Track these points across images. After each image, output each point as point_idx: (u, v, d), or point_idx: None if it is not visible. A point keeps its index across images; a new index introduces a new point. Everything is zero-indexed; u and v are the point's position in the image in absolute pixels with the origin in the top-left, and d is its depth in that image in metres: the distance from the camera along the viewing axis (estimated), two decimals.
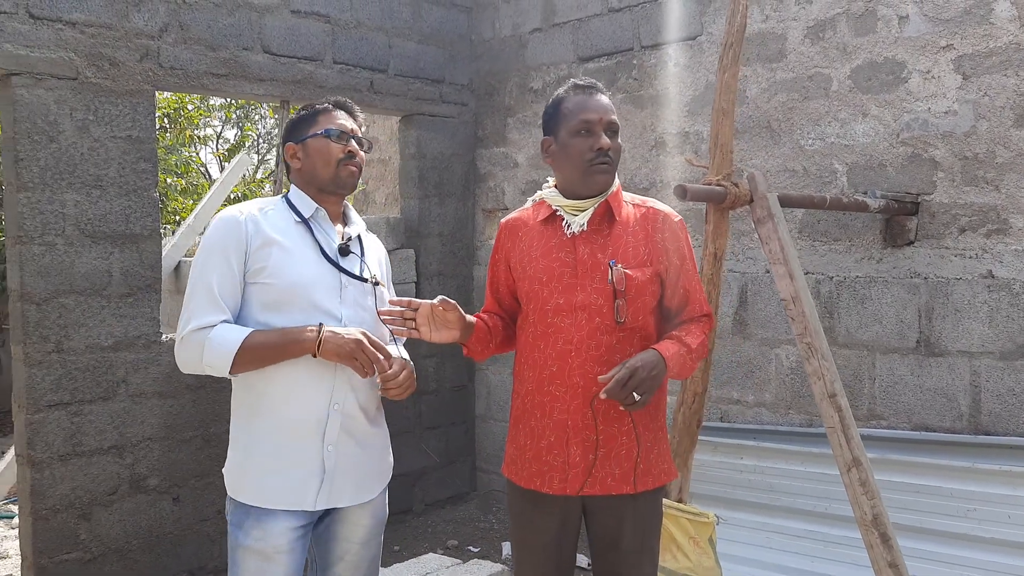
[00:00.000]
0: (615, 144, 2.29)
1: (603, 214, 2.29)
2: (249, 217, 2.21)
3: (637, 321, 2.25)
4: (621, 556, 2.30)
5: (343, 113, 2.36)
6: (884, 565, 2.78)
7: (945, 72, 3.62)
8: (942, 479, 3.52)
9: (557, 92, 2.37)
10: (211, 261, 2.17)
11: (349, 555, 2.30)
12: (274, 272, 2.16)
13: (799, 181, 4.06)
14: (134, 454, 4.09)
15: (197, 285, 2.17)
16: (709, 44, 4.38)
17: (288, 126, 2.37)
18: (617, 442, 2.24)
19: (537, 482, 2.29)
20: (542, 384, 2.27)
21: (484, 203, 5.62)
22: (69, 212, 3.87)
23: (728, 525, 3.89)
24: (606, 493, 2.24)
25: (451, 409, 5.59)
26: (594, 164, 2.25)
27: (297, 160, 2.32)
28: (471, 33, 5.57)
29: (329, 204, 2.33)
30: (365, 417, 2.29)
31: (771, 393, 4.19)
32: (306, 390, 2.17)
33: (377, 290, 2.32)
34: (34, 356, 3.79)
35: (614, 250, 2.26)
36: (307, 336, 2.12)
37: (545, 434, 2.28)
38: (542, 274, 2.29)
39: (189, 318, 2.15)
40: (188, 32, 4.23)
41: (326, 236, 2.29)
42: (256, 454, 2.18)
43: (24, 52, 3.72)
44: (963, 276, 3.60)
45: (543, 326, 2.28)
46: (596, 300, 2.23)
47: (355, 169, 2.31)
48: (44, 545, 3.83)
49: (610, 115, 2.28)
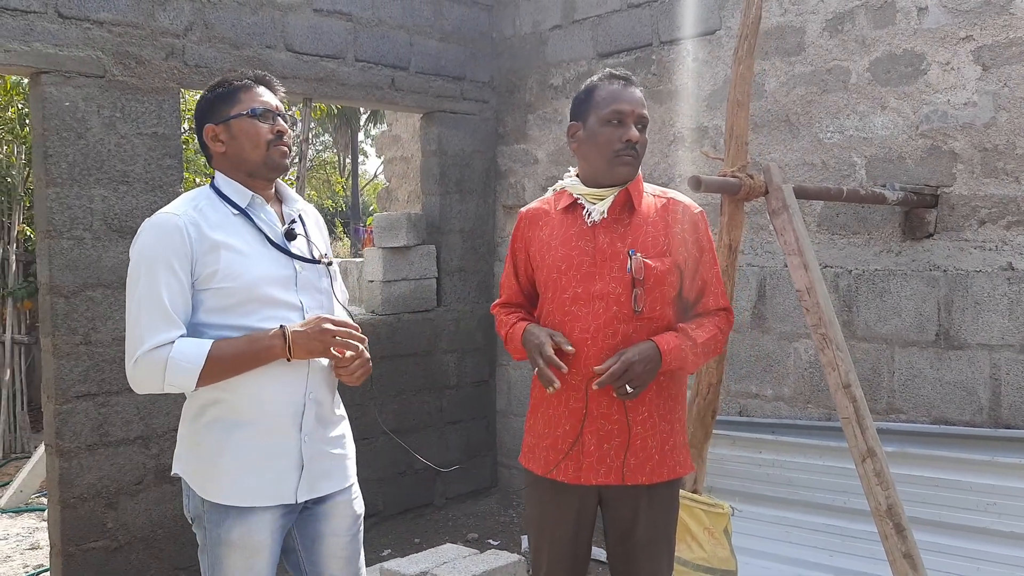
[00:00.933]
0: (643, 138, 2.30)
1: (623, 203, 2.30)
2: (188, 219, 2.04)
3: (655, 311, 2.25)
4: (636, 546, 2.31)
5: (264, 89, 2.18)
6: (899, 556, 2.77)
7: (964, 63, 3.60)
8: (961, 473, 3.50)
9: (591, 79, 2.37)
10: (156, 272, 1.99)
11: (339, 549, 2.24)
12: (227, 275, 2.03)
13: (818, 175, 4.05)
14: (159, 444, 4.17)
15: (144, 300, 1.99)
16: (728, 39, 4.38)
17: (203, 105, 2.16)
18: (634, 432, 2.25)
19: (553, 471, 2.31)
20: (559, 373, 2.29)
21: (505, 199, 5.66)
22: (96, 207, 3.96)
23: (747, 519, 3.89)
24: (623, 483, 2.25)
25: (472, 404, 5.63)
26: (620, 155, 2.26)
27: (220, 143, 2.14)
28: (492, 30, 5.61)
29: (261, 188, 2.17)
30: (332, 402, 2.24)
31: (789, 387, 4.19)
32: (283, 383, 2.10)
33: (330, 269, 2.24)
34: (62, 348, 3.88)
35: (633, 239, 2.26)
36: (275, 343, 2.02)
37: (561, 423, 2.29)
38: (561, 262, 2.31)
39: (142, 336, 1.98)
40: (212, 31, 4.31)
41: (268, 223, 2.16)
42: (229, 453, 2.07)
43: (53, 51, 3.81)
44: (983, 268, 3.57)
45: (561, 314, 2.29)
46: (614, 289, 2.24)
47: (285, 149, 2.15)
48: (72, 533, 3.92)
49: (641, 109, 2.29)
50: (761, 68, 4.19)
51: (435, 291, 5.45)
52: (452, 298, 5.51)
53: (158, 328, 1.99)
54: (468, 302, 5.58)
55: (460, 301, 5.55)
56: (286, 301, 2.11)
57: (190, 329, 2.05)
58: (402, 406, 5.19)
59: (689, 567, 2.96)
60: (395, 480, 5.19)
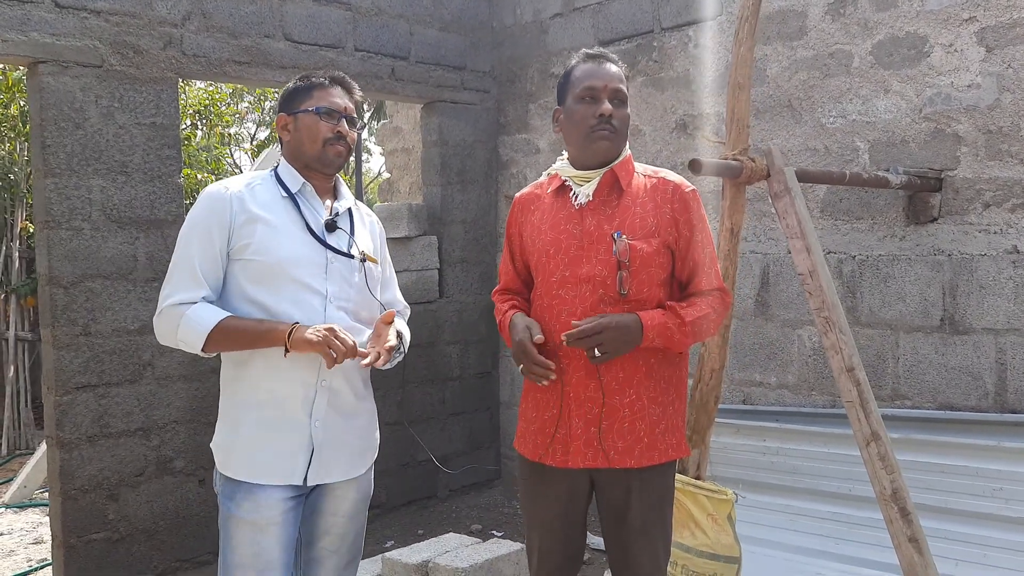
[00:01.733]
0: (620, 113, 2.26)
1: (611, 185, 2.28)
2: (235, 193, 2.19)
3: (642, 293, 2.21)
4: (630, 531, 2.28)
5: (340, 90, 2.31)
6: (904, 540, 2.75)
7: (968, 45, 3.56)
8: (968, 458, 3.46)
9: (568, 62, 2.36)
10: (194, 236, 2.16)
11: (335, 528, 2.29)
12: (258, 249, 2.14)
13: (820, 160, 4.02)
14: (160, 436, 4.15)
15: (180, 260, 2.16)
16: (729, 24, 4.34)
17: (283, 95, 2.32)
18: (620, 415, 2.22)
19: (542, 454, 2.29)
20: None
21: (506, 190, 5.63)
22: (95, 197, 3.94)
23: (752, 507, 3.86)
24: (609, 466, 2.22)
25: (475, 396, 5.61)
26: (595, 130, 2.23)
27: (287, 132, 2.29)
28: (492, 20, 5.58)
29: (316, 180, 2.30)
30: (352, 392, 2.28)
31: (793, 375, 4.16)
32: (294, 367, 2.15)
33: (366, 266, 2.30)
34: (62, 339, 3.87)
35: (620, 221, 2.24)
36: (279, 330, 2.10)
37: (549, 406, 2.28)
38: (549, 246, 2.29)
39: (170, 292, 2.15)
40: (210, 20, 4.29)
41: (312, 212, 2.26)
42: (244, 429, 2.18)
43: (50, 40, 3.79)
44: (987, 252, 3.54)
45: (548, 298, 2.28)
46: (600, 272, 2.21)
47: (342, 149, 2.27)
48: (73, 524, 3.91)
49: (616, 83, 2.26)
50: (763, 53, 4.15)
51: (437, 282, 5.43)
52: (454, 289, 5.49)
53: (185, 287, 2.14)
54: (471, 293, 5.56)
55: (462, 292, 5.52)
56: (311, 286, 2.18)
57: (226, 297, 2.18)
58: (405, 397, 5.17)
59: (692, 553, 2.93)
60: (399, 471, 5.18)
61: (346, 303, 2.23)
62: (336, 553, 2.31)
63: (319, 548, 2.30)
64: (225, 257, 2.16)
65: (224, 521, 2.19)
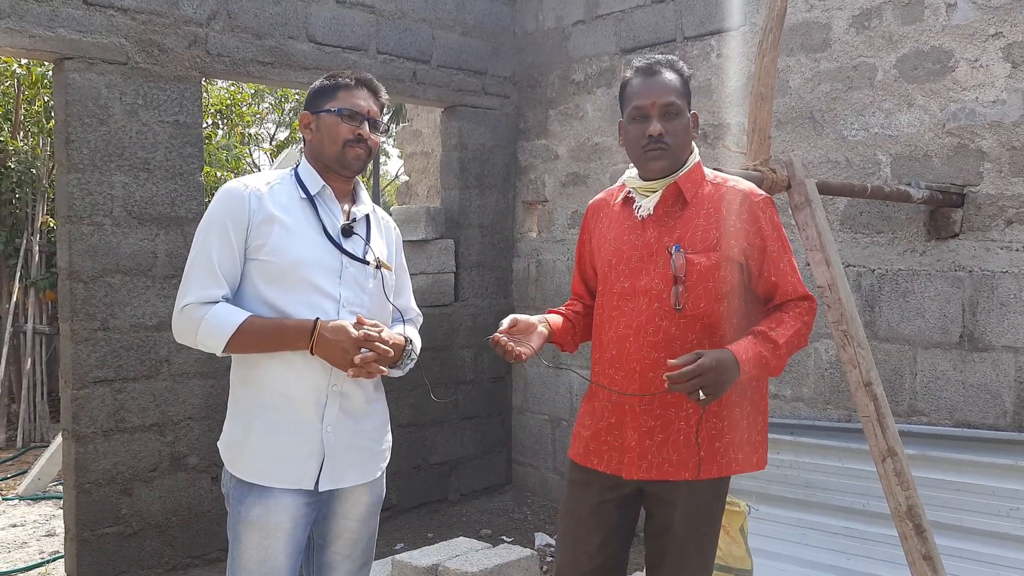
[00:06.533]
0: (672, 127, 2.20)
1: (675, 196, 2.25)
2: (253, 191, 2.16)
3: (699, 308, 2.17)
4: (672, 540, 2.26)
5: (365, 92, 2.26)
6: (919, 557, 2.72)
7: (993, 61, 3.54)
8: (984, 477, 3.43)
9: (624, 73, 2.32)
10: (212, 234, 2.13)
11: (348, 532, 2.28)
12: (273, 250, 2.12)
13: (842, 172, 4.00)
14: (175, 432, 4.17)
15: (198, 258, 2.13)
16: (752, 35, 4.33)
17: (309, 93, 2.29)
18: (675, 427, 2.20)
19: (594, 460, 2.29)
20: (604, 367, 2.27)
21: (525, 195, 5.63)
22: (117, 194, 3.97)
23: (764, 520, 3.84)
24: (663, 479, 2.21)
25: (488, 400, 5.60)
26: (647, 151, 2.20)
27: (309, 131, 2.26)
28: (514, 25, 5.59)
29: (336, 182, 2.26)
30: (363, 396, 2.25)
31: (809, 388, 4.13)
32: (305, 371, 2.14)
33: (381, 272, 2.28)
34: (80, 333, 3.89)
35: (681, 233, 2.21)
36: (301, 337, 2.07)
37: (605, 415, 2.28)
38: (612, 256, 2.29)
39: (188, 290, 2.12)
40: (235, 20, 4.32)
41: (330, 215, 2.23)
42: (255, 431, 2.15)
43: (77, 37, 3.83)
44: (1009, 269, 3.51)
45: (609, 309, 2.28)
46: (658, 285, 2.19)
47: (362, 152, 2.22)
48: (87, 518, 3.93)
49: (665, 97, 2.19)
50: (786, 64, 4.14)
51: (453, 286, 5.44)
52: (470, 293, 5.49)
53: (204, 284, 2.11)
54: (486, 297, 5.56)
55: (478, 296, 5.53)
56: (324, 290, 2.15)
57: (241, 295, 2.16)
58: (418, 400, 5.17)
59: None
60: (410, 474, 5.18)
61: (359, 308, 2.21)
62: (348, 558, 2.30)
63: (331, 552, 2.29)
64: (243, 255, 2.14)
65: (233, 524, 2.18)
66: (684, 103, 2.23)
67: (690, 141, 2.26)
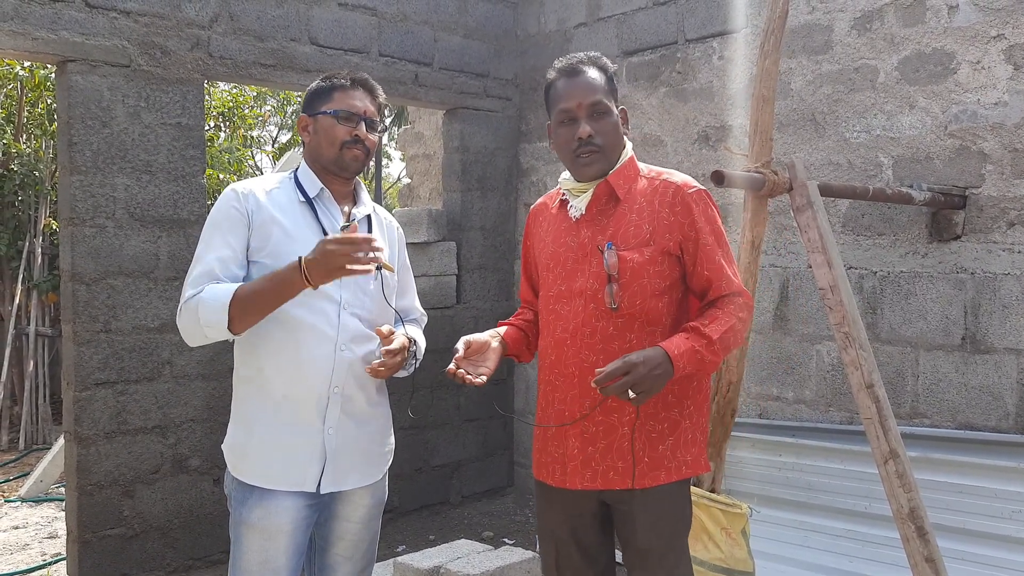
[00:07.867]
0: (601, 126, 2.15)
1: (608, 194, 2.20)
2: (251, 194, 2.17)
3: (635, 306, 2.11)
4: (636, 554, 2.17)
5: (361, 92, 2.25)
6: (921, 560, 2.72)
7: (995, 62, 3.54)
8: (986, 479, 3.42)
9: (548, 74, 2.25)
10: (215, 235, 2.14)
11: (349, 534, 2.28)
12: (273, 252, 2.12)
13: (843, 175, 4.00)
14: (177, 434, 4.18)
15: (200, 259, 2.14)
16: (754, 37, 4.33)
17: (306, 96, 2.28)
18: (619, 433, 2.12)
19: (544, 473, 2.25)
20: (545, 373, 2.23)
21: (526, 198, 5.64)
22: (119, 196, 3.98)
23: (766, 523, 3.83)
24: (608, 488, 2.14)
25: (490, 403, 5.60)
26: (578, 154, 2.15)
27: (307, 134, 2.25)
28: (516, 28, 5.60)
29: (335, 184, 2.26)
30: (365, 398, 2.25)
31: (811, 390, 4.13)
32: (306, 372, 2.13)
33: (382, 273, 2.26)
34: (83, 335, 3.90)
35: (614, 231, 2.15)
36: (293, 275, 2.00)
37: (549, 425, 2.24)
38: (550, 260, 2.26)
39: (186, 290, 2.12)
40: (237, 23, 4.33)
41: (330, 217, 2.23)
42: (257, 433, 2.15)
43: (80, 39, 3.84)
44: (1011, 271, 3.51)
45: (547, 313, 2.24)
46: (592, 285, 2.14)
47: (359, 153, 2.21)
48: (88, 520, 3.93)
49: (591, 96, 2.13)
50: (787, 67, 4.14)
51: (455, 288, 5.44)
52: (472, 295, 5.49)
53: (200, 284, 2.10)
54: (488, 300, 5.56)
55: (480, 299, 5.53)
56: (325, 291, 2.13)
57: None
58: (420, 402, 5.17)
59: (705, 567, 2.92)
60: (412, 477, 5.18)
61: (360, 310, 2.21)
62: (350, 560, 2.30)
63: (333, 554, 2.28)
64: (245, 256, 2.14)
65: (235, 525, 2.18)
66: (611, 100, 2.17)
67: (621, 138, 2.21)
